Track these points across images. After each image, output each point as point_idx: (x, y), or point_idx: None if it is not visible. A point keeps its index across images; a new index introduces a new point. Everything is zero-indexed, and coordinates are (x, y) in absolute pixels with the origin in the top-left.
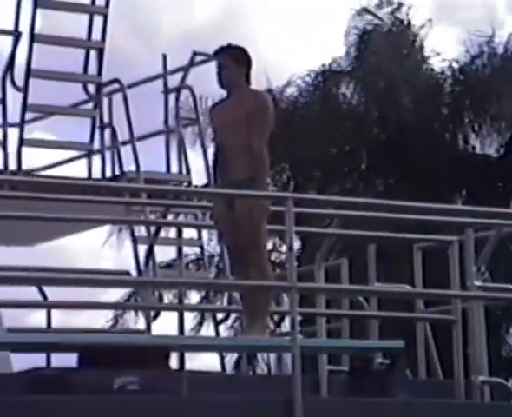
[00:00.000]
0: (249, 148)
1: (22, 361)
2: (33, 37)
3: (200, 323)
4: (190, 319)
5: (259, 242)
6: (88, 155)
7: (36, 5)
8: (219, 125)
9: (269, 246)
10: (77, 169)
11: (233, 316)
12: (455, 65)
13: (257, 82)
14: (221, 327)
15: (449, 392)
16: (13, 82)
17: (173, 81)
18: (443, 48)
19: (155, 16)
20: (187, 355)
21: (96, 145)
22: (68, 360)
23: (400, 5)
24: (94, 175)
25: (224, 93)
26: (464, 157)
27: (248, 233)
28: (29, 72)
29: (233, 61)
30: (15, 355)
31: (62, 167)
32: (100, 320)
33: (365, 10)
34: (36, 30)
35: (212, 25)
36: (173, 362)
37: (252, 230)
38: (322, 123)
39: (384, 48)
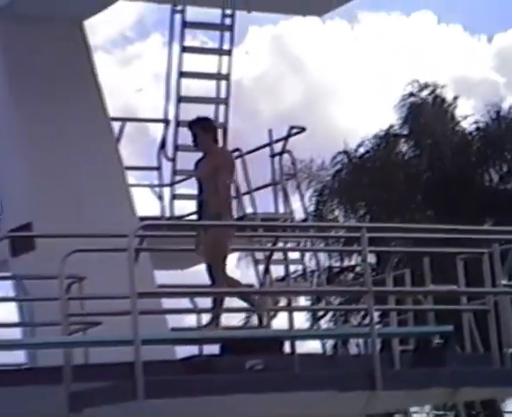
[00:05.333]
0: (216, 193)
1: (182, 351)
2: (178, 123)
3: (316, 319)
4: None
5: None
6: None
7: (179, 101)
8: (197, 176)
9: (353, 262)
10: None
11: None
12: (481, 125)
13: (335, 145)
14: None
15: (488, 361)
16: (165, 156)
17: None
18: (468, 113)
19: (254, 102)
20: (298, 343)
21: None
22: (213, 349)
23: (436, 87)
24: None
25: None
26: (490, 192)
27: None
28: (176, 147)
29: (202, 130)
30: (178, 347)
31: None
32: (233, 321)
33: (412, 95)
34: (180, 118)
35: (298, 105)
36: (287, 348)
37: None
38: (386, 172)
39: (429, 116)
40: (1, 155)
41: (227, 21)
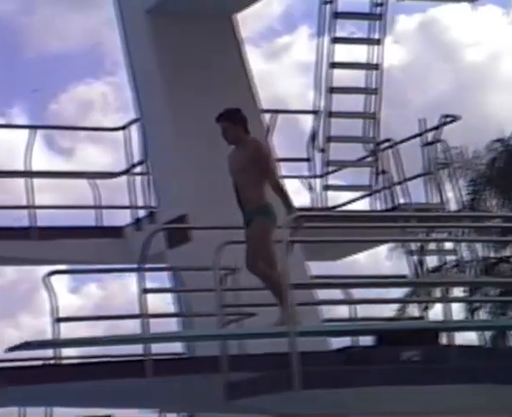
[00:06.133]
0: (255, 184)
1: (336, 341)
2: (329, 114)
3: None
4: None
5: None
6: (370, 194)
7: (330, 91)
8: (232, 170)
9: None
10: (359, 205)
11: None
12: None
13: (490, 133)
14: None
15: None
16: (316, 147)
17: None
18: None
19: (403, 91)
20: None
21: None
22: (367, 340)
23: None
24: (374, 209)
25: None
26: None
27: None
28: (328, 138)
29: (231, 122)
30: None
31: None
32: (385, 312)
33: None
34: (331, 108)
35: (449, 93)
36: (443, 340)
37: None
38: None
39: None
40: (157, 150)
41: (377, 10)
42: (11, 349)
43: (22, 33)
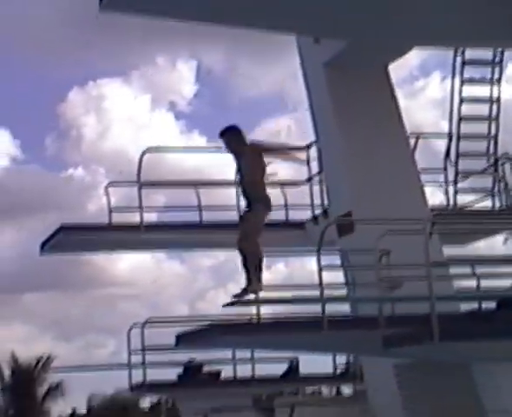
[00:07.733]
0: None
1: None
2: (459, 137)
3: None
4: None
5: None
6: (492, 195)
7: (460, 120)
8: None
9: None
10: (482, 204)
11: None
12: None
13: None
14: None
15: None
16: (450, 161)
17: None
18: None
19: None
20: None
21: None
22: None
23: None
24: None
25: None
26: None
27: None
28: (458, 155)
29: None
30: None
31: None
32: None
33: None
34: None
35: None
36: None
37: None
38: None
39: None
40: (329, 165)
41: (497, 58)
42: (226, 305)
43: (229, 83)
